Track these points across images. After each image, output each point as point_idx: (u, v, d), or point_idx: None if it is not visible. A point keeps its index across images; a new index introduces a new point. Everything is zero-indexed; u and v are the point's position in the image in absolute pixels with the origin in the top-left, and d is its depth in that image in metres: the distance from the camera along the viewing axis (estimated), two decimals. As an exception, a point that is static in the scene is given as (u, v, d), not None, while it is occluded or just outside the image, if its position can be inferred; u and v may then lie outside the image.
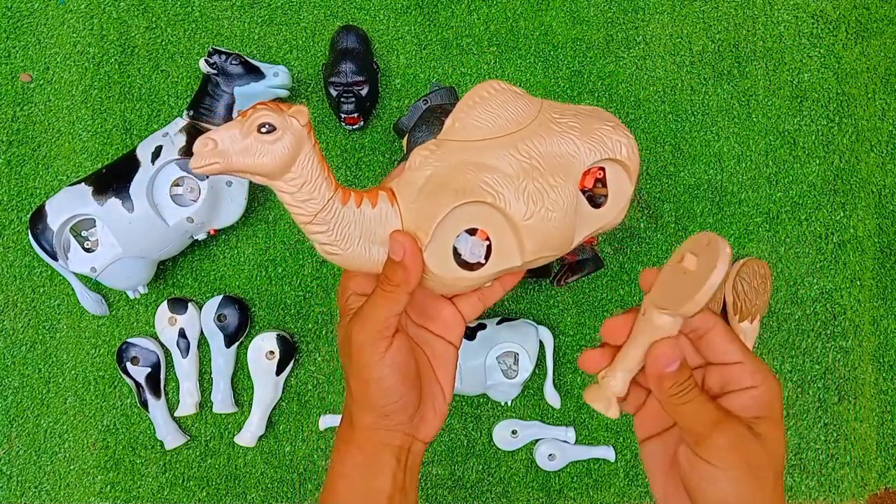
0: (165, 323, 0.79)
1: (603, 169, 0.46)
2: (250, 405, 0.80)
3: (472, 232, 0.43)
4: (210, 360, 0.80)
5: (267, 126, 0.37)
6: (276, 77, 0.75)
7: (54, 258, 0.74)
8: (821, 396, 0.81)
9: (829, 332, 0.82)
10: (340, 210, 0.41)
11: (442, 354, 0.47)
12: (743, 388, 0.40)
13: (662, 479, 0.43)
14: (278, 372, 0.79)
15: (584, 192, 0.46)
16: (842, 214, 0.82)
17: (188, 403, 0.79)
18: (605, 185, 0.47)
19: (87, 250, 0.74)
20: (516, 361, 0.76)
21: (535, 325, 0.79)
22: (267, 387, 0.79)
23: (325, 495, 0.45)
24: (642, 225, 0.82)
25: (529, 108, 0.45)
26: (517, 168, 0.43)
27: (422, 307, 0.47)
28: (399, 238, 0.41)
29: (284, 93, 0.76)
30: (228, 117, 0.74)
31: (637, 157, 0.46)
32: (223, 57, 0.73)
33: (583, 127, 0.45)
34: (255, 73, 0.74)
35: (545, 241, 0.44)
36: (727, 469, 0.39)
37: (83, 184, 0.74)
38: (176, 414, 0.80)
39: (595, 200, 0.46)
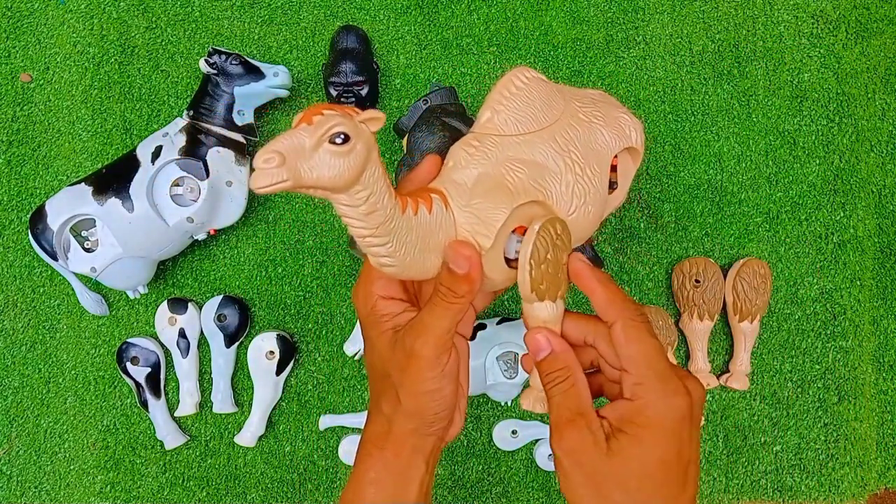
0: (165, 323, 0.79)
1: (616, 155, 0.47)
2: (250, 405, 0.80)
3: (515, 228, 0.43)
4: (210, 360, 0.81)
5: (342, 136, 0.33)
6: (276, 77, 0.75)
7: (54, 258, 0.74)
8: (821, 396, 0.81)
9: (829, 332, 0.82)
10: (400, 219, 0.38)
11: (459, 350, 0.46)
12: (624, 398, 0.40)
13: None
14: (278, 372, 0.79)
15: None
16: (842, 214, 0.83)
17: (188, 403, 0.79)
18: (614, 171, 0.47)
19: (87, 250, 0.74)
20: (516, 361, 0.76)
21: (535, 325, 0.79)
22: (267, 387, 0.79)
23: (350, 499, 0.44)
24: (642, 225, 0.82)
25: (558, 98, 0.45)
26: (560, 163, 0.42)
27: None
28: (463, 251, 0.39)
29: (284, 93, 0.76)
30: (228, 117, 0.74)
31: (643, 140, 0.47)
32: (223, 57, 0.73)
33: (605, 116, 0.45)
34: (255, 73, 0.74)
35: (578, 233, 0.44)
36: (566, 476, 0.39)
37: (83, 184, 0.74)
38: (176, 414, 0.80)
39: (610, 186, 0.47)
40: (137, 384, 0.79)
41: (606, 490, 0.38)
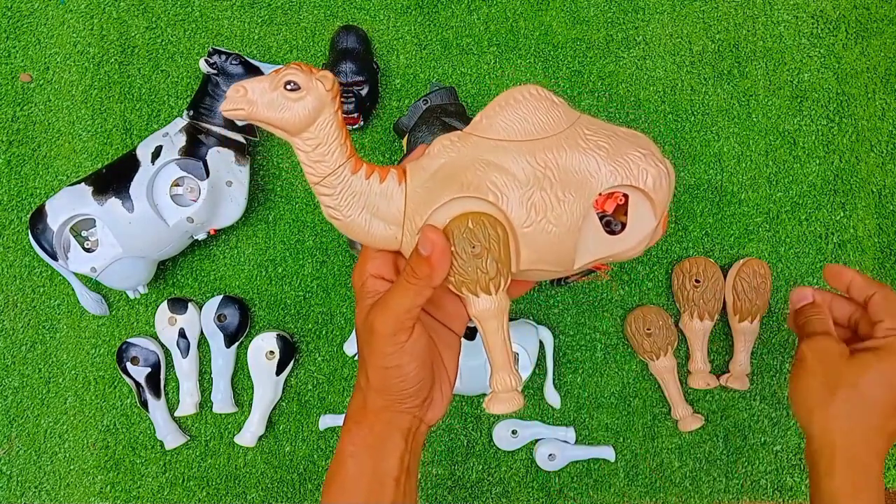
0: (165, 323, 0.79)
1: (626, 196, 0.44)
2: (250, 405, 0.80)
3: None
4: (210, 360, 0.80)
5: (293, 84, 0.39)
6: (276, 77, 0.75)
7: (54, 258, 0.74)
8: (821, 396, 0.81)
9: (829, 332, 0.82)
10: (349, 178, 0.42)
11: (447, 341, 0.48)
12: (875, 337, 0.53)
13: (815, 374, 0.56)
14: (278, 372, 0.79)
15: (601, 215, 0.44)
16: (842, 214, 0.82)
17: (188, 403, 0.79)
18: (625, 213, 0.45)
19: (87, 250, 0.74)
20: (516, 361, 0.76)
21: (535, 325, 0.79)
22: (267, 387, 0.79)
23: (334, 472, 0.46)
24: (642, 225, 0.82)
25: (562, 119, 0.44)
26: (529, 175, 0.42)
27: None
28: (430, 234, 0.41)
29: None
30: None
31: (665, 190, 0.44)
32: (223, 57, 0.73)
33: (611, 148, 0.43)
34: (254, 73, 0.74)
35: (542, 253, 0.43)
36: (807, 369, 0.53)
37: (83, 184, 0.74)
38: (176, 414, 0.80)
39: (611, 226, 0.45)
40: (137, 384, 0.79)
41: (836, 386, 0.50)
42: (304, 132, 0.41)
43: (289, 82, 0.40)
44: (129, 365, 0.79)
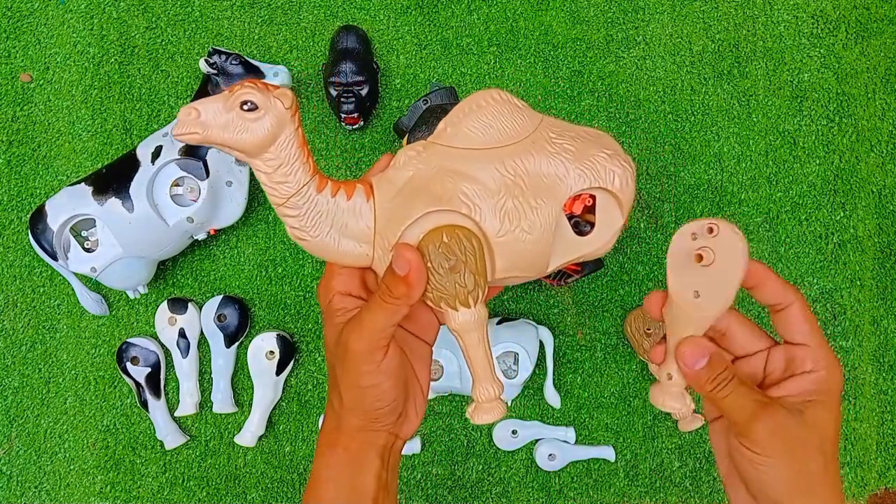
0: (165, 323, 0.79)
1: (593, 197, 0.44)
2: (250, 405, 0.80)
3: None
4: (210, 360, 0.80)
5: (249, 104, 0.38)
6: (276, 77, 0.75)
7: (54, 258, 0.74)
8: (821, 396, 0.81)
9: (829, 332, 0.82)
10: (314, 197, 0.41)
11: (419, 353, 0.47)
12: (804, 372, 0.42)
13: (725, 460, 0.45)
14: (278, 372, 0.79)
15: (569, 217, 0.44)
16: (842, 214, 0.83)
17: (188, 403, 0.79)
18: (592, 213, 0.45)
19: (87, 250, 0.74)
20: (516, 361, 0.76)
21: (535, 325, 0.79)
22: (267, 387, 0.79)
23: (310, 498, 0.45)
24: (642, 225, 0.82)
25: (526, 123, 0.43)
26: (499, 183, 0.42)
27: None
28: (405, 254, 0.40)
29: (284, 93, 0.76)
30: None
31: (631, 189, 0.44)
32: (223, 57, 0.73)
33: (577, 151, 0.43)
34: (255, 73, 0.74)
35: (516, 260, 0.43)
36: (770, 456, 0.40)
37: (83, 184, 0.74)
38: (176, 414, 0.80)
39: (580, 227, 0.45)
40: (137, 384, 0.79)
41: (806, 461, 0.40)
42: (264, 153, 0.39)
43: (245, 102, 0.38)
44: (129, 365, 0.79)
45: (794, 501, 0.40)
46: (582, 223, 0.45)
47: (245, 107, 0.38)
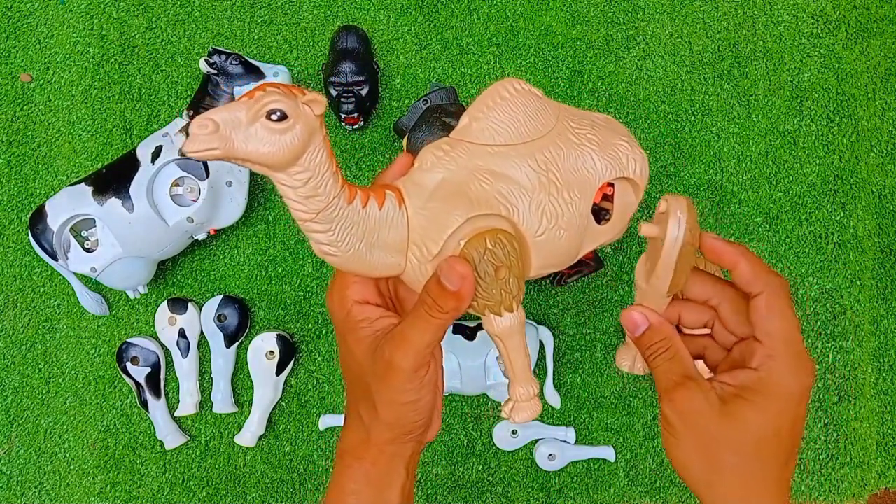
0: (165, 323, 0.79)
1: (612, 185, 0.44)
2: (250, 405, 0.80)
3: None
4: (210, 360, 0.81)
5: (278, 113, 0.33)
6: (276, 77, 0.75)
7: (54, 258, 0.74)
8: (821, 396, 0.81)
9: (829, 332, 0.82)
10: (345, 209, 0.37)
11: (434, 353, 0.46)
12: (749, 367, 0.40)
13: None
14: (278, 372, 0.79)
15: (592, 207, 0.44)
16: (842, 214, 0.83)
17: (188, 403, 0.79)
18: (611, 201, 0.45)
19: (87, 250, 0.74)
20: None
21: (535, 325, 0.79)
22: (267, 387, 0.79)
23: None
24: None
25: (548, 114, 0.42)
26: (534, 180, 0.40)
27: (410, 304, 0.46)
28: (458, 268, 0.38)
29: (284, 93, 0.76)
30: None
31: (647, 174, 0.44)
32: (223, 57, 0.73)
33: (600, 140, 0.42)
34: (255, 73, 0.74)
35: (551, 257, 0.42)
36: (674, 435, 0.40)
37: (83, 184, 0.74)
38: (176, 414, 0.80)
39: (600, 216, 0.44)
40: (137, 384, 0.79)
41: (717, 452, 0.39)
42: (292, 166, 0.34)
43: (273, 111, 0.32)
44: (129, 365, 0.79)
45: (703, 489, 0.40)
46: (602, 211, 0.45)
47: (273, 117, 0.33)
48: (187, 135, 0.34)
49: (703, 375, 0.41)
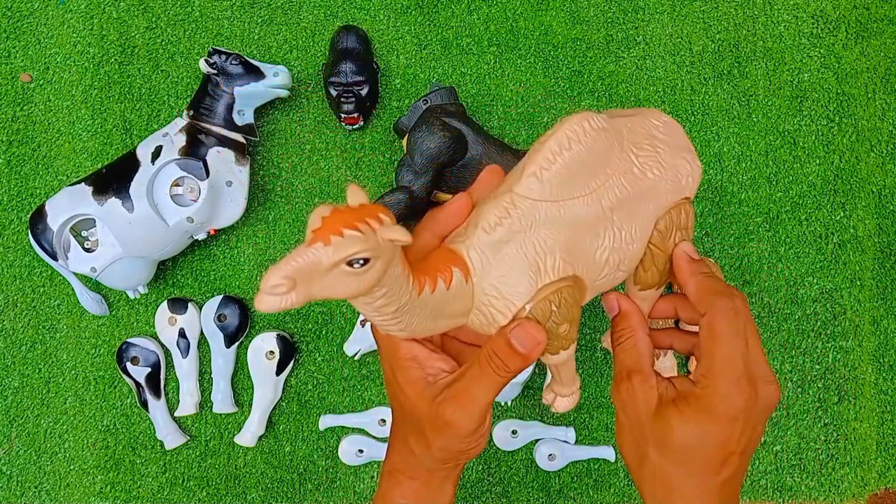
0: (165, 323, 0.79)
1: None
2: (250, 405, 0.80)
3: None
4: (210, 360, 0.80)
5: (361, 261, 0.31)
6: (276, 77, 0.75)
7: (54, 258, 0.74)
8: (821, 396, 0.81)
9: (829, 332, 0.82)
10: (416, 301, 0.36)
11: None
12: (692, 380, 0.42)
13: None
14: (278, 372, 0.79)
15: None
16: (842, 214, 0.82)
17: (188, 403, 0.79)
18: None
19: (87, 250, 0.74)
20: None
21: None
22: (267, 387, 0.79)
23: None
24: (642, 225, 0.82)
25: (615, 151, 0.39)
26: (600, 230, 0.39)
27: (453, 342, 0.47)
28: (535, 334, 0.38)
29: (284, 93, 0.76)
30: (229, 117, 0.74)
31: (697, 185, 0.44)
32: (223, 57, 0.73)
33: (663, 164, 0.41)
34: (255, 73, 0.74)
35: (598, 290, 0.43)
36: (618, 422, 0.43)
37: (83, 184, 0.74)
38: (176, 414, 0.80)
39: None
40: (137, 384, 0.79)
41: (644, 445, 0.41)
42: (372, 292, 0.33)
43: (357, 260, 0.30)
44: (129, 365, 0.79)
45: (634, 477, 0.43)
46: None
47: (356, 265, 0.31)
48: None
49: (652, 371, 0.42)
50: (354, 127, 0.80)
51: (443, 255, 0.38)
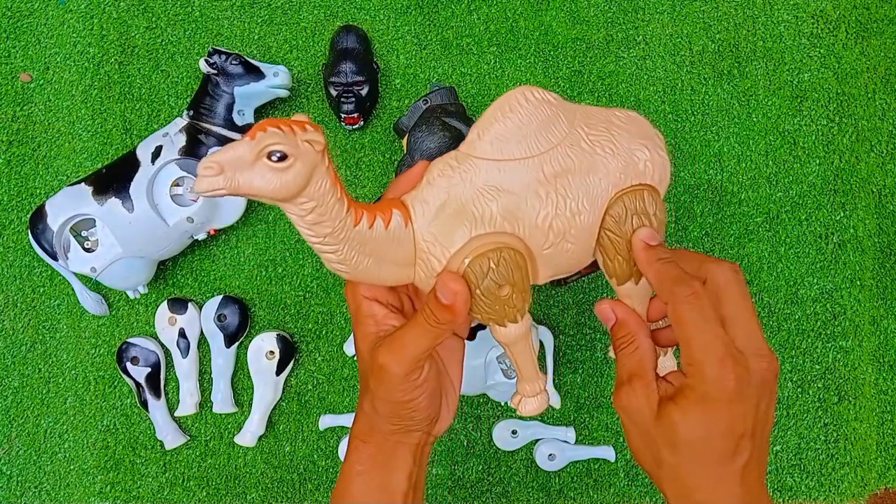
0: (165, 323, 0.79)
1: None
2: (250, 405, 0.80)
3: None
4: (210, 360, 0.81)
5: (278, 154, 0.34)
6: (276, 77, 0.75)
7: (54, 258, 0.74)
8: (821, 396, 0.81)
9: (829, 332, 0.82)
10: (351, 230, 0.39)
11: (452, 348, 0.48)
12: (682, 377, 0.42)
13: None
14: (278, 372, 0.79)
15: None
16: (842, 214, 0.83)
17: (188, 403, 0.79)
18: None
19: (87, 250, 0.74)
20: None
21: (535, 325, 0.79)
22: (267, 387, 0.79)
23: (341, 491, 0.46)
24: (642, 225, 0.82)
25: (561, 123, 0.41)
26: (541, 194, 0.40)
27: None
28: (451, 285, 0.40)
29: (285, 93, 0.76)
30: (229, 117, 0.74)
31: (668, 179, 0.44)
32: (223, 57, 0.73)
33: (615, 145, 0.42)
34: (255, 73, 0.74)
35: (559, 268, 0.43)
36: (624, 428, 0.43)
37: (83, 184, 0.74)
38: (176, 414, 0.80)
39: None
40: (137, 384, 0.79)
41: (656, 449, 0.41)
42: (297, 198, 0.36)
43: (273, 153, 0.34)
44: (129, 365, 0.79)
45: (654, 479, 0.42)
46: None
47: (273, 158, 0.34)
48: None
49: (654, 374, 0.42)
50: (354, 127, 0.80)
51: (387, 202, 0.41)
